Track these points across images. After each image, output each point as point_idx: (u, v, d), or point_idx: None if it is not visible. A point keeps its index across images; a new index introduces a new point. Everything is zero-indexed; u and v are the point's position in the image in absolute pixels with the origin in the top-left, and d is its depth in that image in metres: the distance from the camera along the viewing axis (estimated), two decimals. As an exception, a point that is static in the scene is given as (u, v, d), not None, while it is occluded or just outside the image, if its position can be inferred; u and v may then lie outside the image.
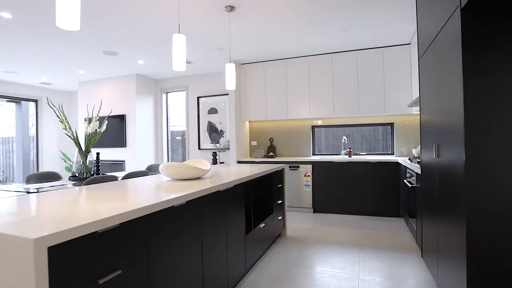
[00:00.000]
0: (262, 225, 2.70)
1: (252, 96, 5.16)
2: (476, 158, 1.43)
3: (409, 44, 4.30)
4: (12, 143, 8.03)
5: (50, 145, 7.07)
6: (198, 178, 2.22)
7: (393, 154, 4.71)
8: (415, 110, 4.10)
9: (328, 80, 4.68)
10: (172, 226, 1.43)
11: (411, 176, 3.11)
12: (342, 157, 4.54)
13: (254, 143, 5.48)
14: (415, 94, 4.01)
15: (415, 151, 4.02)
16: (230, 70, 3.07)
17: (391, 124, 4.73)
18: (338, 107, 4.64)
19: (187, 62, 5.12)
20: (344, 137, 4.86)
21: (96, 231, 1.02)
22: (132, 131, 5.90)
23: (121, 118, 5.96)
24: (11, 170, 8.07)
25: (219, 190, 1.91)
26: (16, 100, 6.58)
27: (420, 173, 2.57)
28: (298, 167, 4.60)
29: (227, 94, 5.72)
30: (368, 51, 4.49)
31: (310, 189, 4.54)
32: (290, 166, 4.65)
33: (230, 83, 3.06)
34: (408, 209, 3.43)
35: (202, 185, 1.84)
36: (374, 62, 4.46)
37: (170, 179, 2.19)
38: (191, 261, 1.57)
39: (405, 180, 3.33)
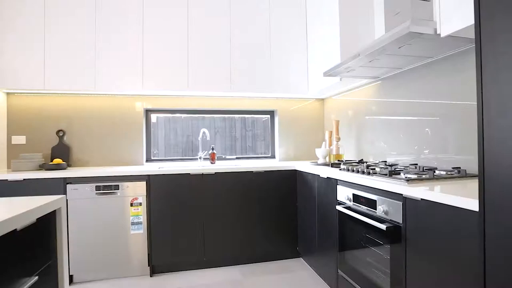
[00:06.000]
0: None
1: (12, 34, 2.36)
2: None
3: (301, -9, 2.87)
4: None
5: None
6: None
7: (274, 157, 3.17)
8: (315, 91, 2.66)
9: (180, 26, 2.60)
10: None
11: (373, 203, 1.52)
12: (202, 164, 2.57)
13: (19, 139, 2.63)
14: (314, 71, 2.59)
15: (319, 152, 2.56)
16: None
17: (272, 113, 3.18)
18: (196, 77, 2.63)
19: None
20: (204, 129, 2.90)
21: None
22: None
23: None
24: None
25: None
26: None
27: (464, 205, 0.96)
28: (118, 187, 2.26)
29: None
30: (244, -9, 2.75)
31: (143, 231, 2.28)
32: (98, 187, 2.23)
33: None
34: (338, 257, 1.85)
35: None
36: (254, 2, 2.76)
37: None
38: None
39: (341, 208, 1.71)
